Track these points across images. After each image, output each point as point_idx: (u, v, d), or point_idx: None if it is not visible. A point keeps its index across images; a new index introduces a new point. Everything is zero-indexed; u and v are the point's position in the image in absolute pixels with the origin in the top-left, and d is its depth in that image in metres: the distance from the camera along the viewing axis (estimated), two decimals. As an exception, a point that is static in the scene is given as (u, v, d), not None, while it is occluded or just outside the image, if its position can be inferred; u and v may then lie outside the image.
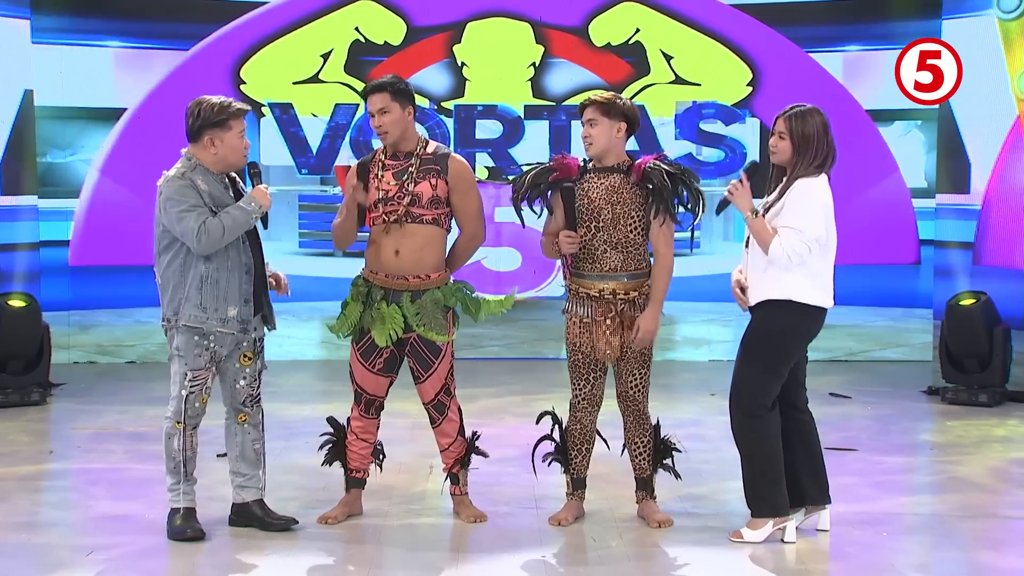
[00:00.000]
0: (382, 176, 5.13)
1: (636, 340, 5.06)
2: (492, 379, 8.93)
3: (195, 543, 4.94)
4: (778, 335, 4.90)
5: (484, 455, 5.46)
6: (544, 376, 8.70)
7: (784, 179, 4.94)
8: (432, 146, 5.22)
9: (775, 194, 4.96)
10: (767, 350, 4.92)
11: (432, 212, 5.12)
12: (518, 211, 5.21)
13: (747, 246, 5.04)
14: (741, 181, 4.93)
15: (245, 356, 5.07)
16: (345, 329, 5.21)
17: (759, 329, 4.95)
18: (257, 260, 5.08)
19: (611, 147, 5.10)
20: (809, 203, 4.82)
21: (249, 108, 5.11)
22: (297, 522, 5.16)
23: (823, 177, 4.90)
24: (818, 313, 4.92)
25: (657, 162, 5.08)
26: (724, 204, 5.01)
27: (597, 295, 5.09)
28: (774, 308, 4.89)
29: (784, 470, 4.99)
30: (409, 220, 5.10)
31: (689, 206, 5.10)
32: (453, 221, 5.25)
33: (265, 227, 5.10)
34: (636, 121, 5.17)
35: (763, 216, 4.91)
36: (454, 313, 5.25)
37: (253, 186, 5.06)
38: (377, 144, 5.29)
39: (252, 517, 5.13)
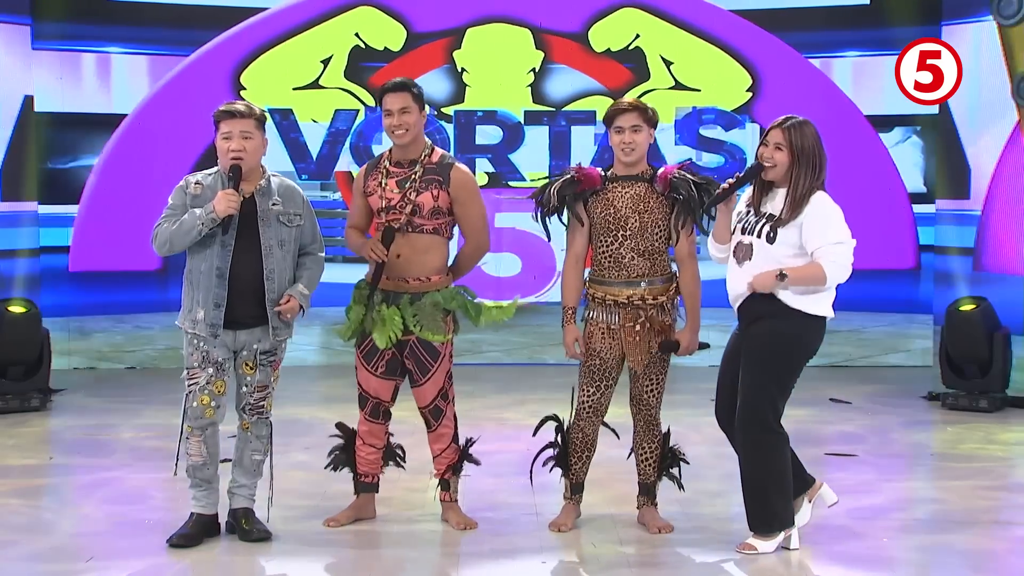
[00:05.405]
0: (386, 184, 5.13)
1: (679, 354, 5.15)
2: (492, 385, 8.92)
3: (197, 548, 4.92)
4: (791, 349, 4.83)
5: (476, 463, 5.44)
6: (544, 382, 8.68)
7: (786, 194, 4.79)
8: (438, 154, 5.19)
9: (784, 211, 4.78)
10: (780, 365, 4.83)
11: (433, 222, 5.12)
12: (545, 226, 5.22)
13: (735, 256, 4.91)
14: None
15: (246, 364, 5.04)
16: (348, 333, 5.21)
17: (770, 345, 4.81)
18: (243, 266, 4.89)
19: (645, 153, 5.14)
20: (834, 214, 4.77)
21: (239, 109, 4.92)
22: (270, 536, 5.07)
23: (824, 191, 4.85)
24: (823, 324, 4.86)
25: (683, 172, 5.11)
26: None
27: (625, 301, 5.11)
28: (783, 321, 4.78)
29: None
30: (411, 229, 5.10)
31: (713, 214, 5.08)
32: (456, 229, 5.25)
33: (224, 232, 4.84)
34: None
35: (772, 237, 4.76)
36: (454, 318, 5.24)
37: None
38: (377, 150, 5.28)
39: (235, 525, 5.10)
